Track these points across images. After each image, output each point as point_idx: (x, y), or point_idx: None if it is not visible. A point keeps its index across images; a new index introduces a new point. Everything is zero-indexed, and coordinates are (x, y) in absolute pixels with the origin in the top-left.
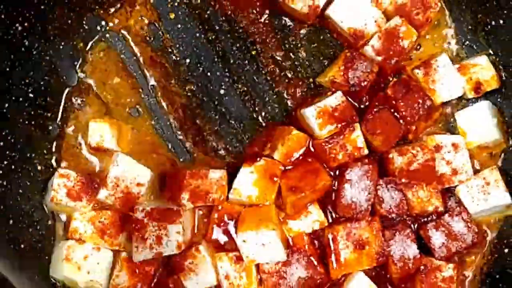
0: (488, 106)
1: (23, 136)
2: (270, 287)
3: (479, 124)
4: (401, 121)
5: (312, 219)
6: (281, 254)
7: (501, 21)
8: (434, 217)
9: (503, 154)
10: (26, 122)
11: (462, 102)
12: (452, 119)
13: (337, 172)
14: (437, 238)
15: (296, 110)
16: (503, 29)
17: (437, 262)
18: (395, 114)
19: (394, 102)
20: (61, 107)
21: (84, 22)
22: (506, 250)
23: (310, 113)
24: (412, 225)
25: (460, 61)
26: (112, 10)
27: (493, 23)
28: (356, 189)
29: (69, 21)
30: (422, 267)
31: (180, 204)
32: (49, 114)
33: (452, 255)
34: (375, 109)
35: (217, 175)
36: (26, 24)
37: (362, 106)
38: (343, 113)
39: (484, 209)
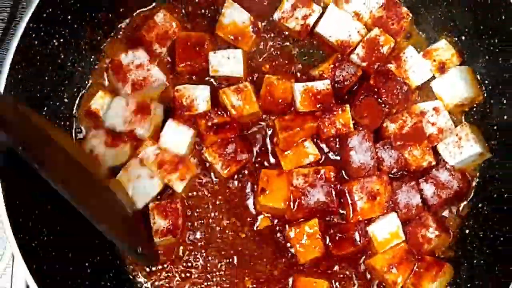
0: (456, 72)
1: None
2: (294, 198)
3: (452, 88)
4: (385, 106)
5: (307, 152)
6: (240, 71)
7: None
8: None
9: (480, 108)
10: (62, 123)
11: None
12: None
13: (337, 145)
14: (428, 189)
15: None
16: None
17: (429, 222)
18: (379, 100)
19: (376, 90)
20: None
21: (110, 38)
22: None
23: (297, 88)
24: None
25: (424, 49)
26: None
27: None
28: (360, 152)
29: (98, 38)
30: (417, 217)
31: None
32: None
33: (443, 202)
34: (361, 97)
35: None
36: (61, 40)
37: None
38: (323, 97)
39: (461, 160)
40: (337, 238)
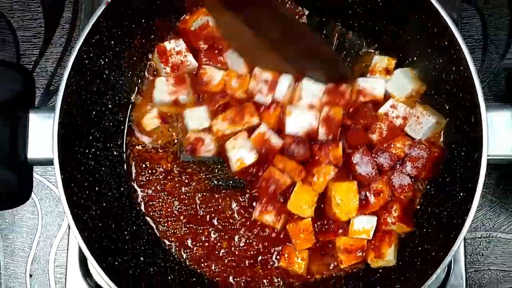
0: (399, 73)
1: (105, 132)
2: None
3: (399, 84)
4: (367, 130)
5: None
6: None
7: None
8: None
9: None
10: (107, 123)
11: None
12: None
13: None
14: (407, 166)
15: None
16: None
17: (392, 210)
18: (358, 126)
19: (355, 123)
20: (128, 113)
21: (144, 59)
22: None
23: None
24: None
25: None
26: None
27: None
28: (363, 165)
29: (134, 58)
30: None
31: None
32: (121, 118)
33: (421, 169)
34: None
35: None
36: (106, 60)
37: None
38: None
39: (424, 133)
40: (324, 229)
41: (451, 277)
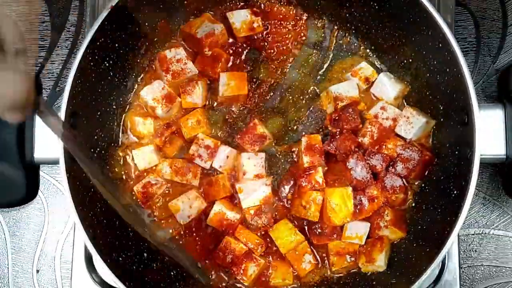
0: (383, 77)
1: (109, 132)
2: None
3: (385, 87)
4: (354, 132)
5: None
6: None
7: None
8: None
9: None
10: (111, 123)
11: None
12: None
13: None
14: (398, 166)
15: None
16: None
17: (384, 215)
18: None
19: (341, 129)
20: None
21: (148, 61)
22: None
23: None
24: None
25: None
26: None
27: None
28: (358, 170)
29: (138, 61)
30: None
31: None
32: (125, 118)
33: (411, 170)
34: (337, 137)
35: None
36: (111, 62)
37: None
38: None
39: (414, 133)
40: (317, 233)
41: (445, 273)
